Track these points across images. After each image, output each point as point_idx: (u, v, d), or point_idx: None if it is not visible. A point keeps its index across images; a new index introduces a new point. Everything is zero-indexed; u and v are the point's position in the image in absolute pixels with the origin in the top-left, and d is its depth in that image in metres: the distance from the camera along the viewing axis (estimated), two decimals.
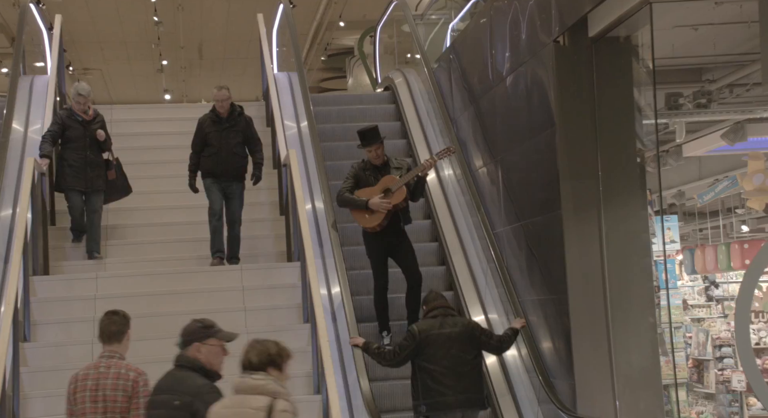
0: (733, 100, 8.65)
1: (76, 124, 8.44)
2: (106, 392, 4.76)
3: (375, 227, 7.16)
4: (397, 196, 7.11)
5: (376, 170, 7.29)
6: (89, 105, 8.53)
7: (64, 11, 14.58)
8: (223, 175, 8.32)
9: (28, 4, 10.72)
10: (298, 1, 17.38)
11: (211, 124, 8.40)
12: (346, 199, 7.23)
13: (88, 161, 8.42)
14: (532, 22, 6.96)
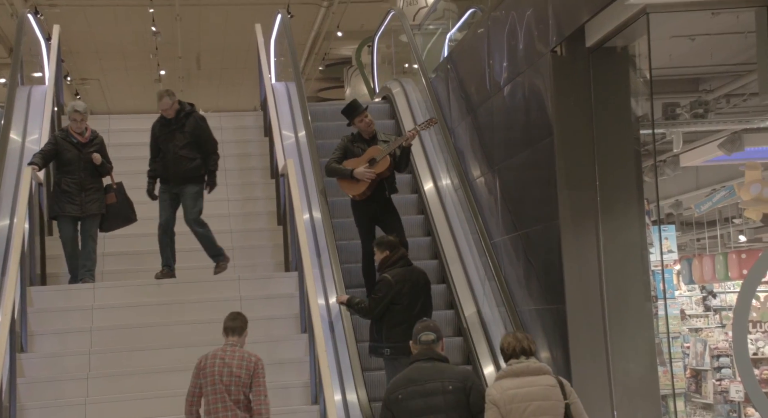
0: (730, 110, 8.66)
1: (70, 147, 8.06)
2: (232, 370, 5.80)
3: (360, 195, 7.54)
4: (381, 166, 7.47)
5: (364, 142, 7.66)
6: (86, 126, 8.18)
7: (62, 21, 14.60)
8: (172, 179, 8.05)
9: (26, 14, 10.73)
10: (296, 11, 17.45)
11: (160, 127, 8.17)
12: (333, 169, 7.62)
13: (82, 186, 8.02)
14: (529, 32, 6.98)
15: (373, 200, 7.57)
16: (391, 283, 6.66)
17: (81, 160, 8.06)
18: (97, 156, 8.11)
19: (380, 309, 6.64)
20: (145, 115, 12.03)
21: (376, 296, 6.69)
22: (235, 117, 11.25)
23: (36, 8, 16.62)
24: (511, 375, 4.98)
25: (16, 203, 7.79)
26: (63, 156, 8.05)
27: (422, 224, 8.76)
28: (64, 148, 8.05)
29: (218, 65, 22.51)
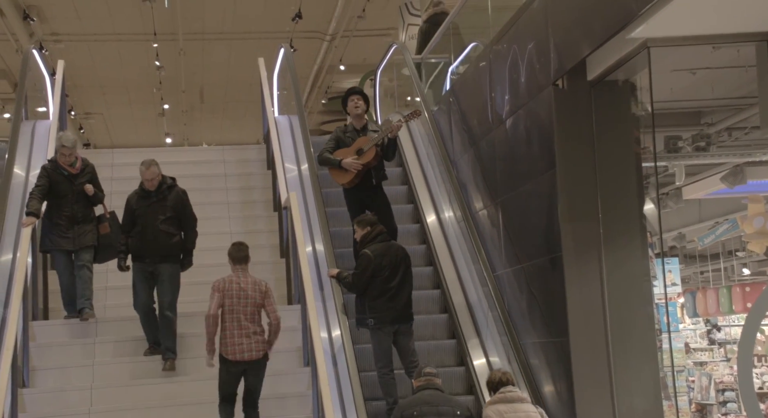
0: (732, 143, 8.68)
1: (61, 179, 7.77)
2: (247, 293, 6.81)
3: (348, 183, 8.04)
4: (367, 156, 7.96)
5: (355, 133, 8.17)
6: (76, 156, 7.86)
7: (66, 57, 14.73)
8: (149, 256, 7.47)
9: (31, 50, 10.81)
10: (299, 45, 17.59)
11: (138, 199, 7.64)
12: (324, 159, 8.14)
13: (74, 218, 7.75)
14: (531, 66, 7.01)
15: (362, 187, 8.07)
16: (371, 257, 7.12)
17: (73, 193, 7.80)
18: (89, 187, 7.83)
19: (363, 282, 7.07)
20: (148, 149, 12.10)
21: (357, 271, 7.18)
22: (238, 150, 11.29)
23: (41, 44, 16.77)
24: (504, 401, 5.85)
25: (19, 237, 7.78)
26: (54, 189, 7.78)
27: (424, 255, 8.75)
28: (55, 181, 7.78)
29: (221, 99, 22.63)
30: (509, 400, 5.87)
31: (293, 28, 17.55)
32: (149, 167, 7.56)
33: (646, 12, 5.18)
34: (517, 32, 7.36)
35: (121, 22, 17.70)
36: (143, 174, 7.57)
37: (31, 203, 7.63)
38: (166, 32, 18.10)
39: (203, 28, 18.26)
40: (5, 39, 17.58)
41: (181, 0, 16.66)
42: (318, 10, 17.41)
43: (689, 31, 5.60)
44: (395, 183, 9.60)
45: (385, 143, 7.99)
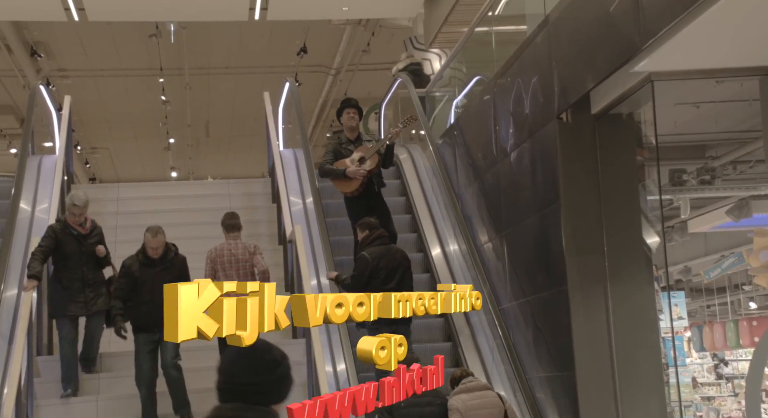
0: (737, 176, 8.69)
1: (70, 239, 7.49)
2: (238, 257, 7.54)
3: (354, 191, 8.26)
4: (371, 163, 8.23)
5: (351, 144, 8.42)
6: (86, 216, 7.62)
7: (73, 92, 14.83)
8: (157, 326, 7.06)
9: (38, 86, 10.89)
10: (304, 79, 17.70)
11: (141, 267, 7.26)
12: (327, 170, 8.36)
13: (85, 281, 7.46)
14: (535, 99, 7.04)
15: (365, 195, 8.29)
16: (368, 259, 7.25)
17: (82, 254, 7.51)
18: (101, 248, 7.58)
19: (360, 284, 7.14)
20: (154, 183, 12.13)
21: (355, 273, 7.32)
22: (244, 184, 11.33)
23: (48, 79, 16.89)
24: (466, 391, 6.17)
25: (25, 273, 7.78)
26: (63, 250, 7.47)
27: (428, 283, 8.73)
28: (63, 241, 7.48)
29: (227, 133, 22.72)
30: (470, 389, 6.19)
31: (298, 62, 17.67)
32: (156, 235, 7.23)
33: (650, 46, 5.21)
34: (520, 66, 7.40)
35: (128, 57, 17.83)
36: (149, 242, 7.24)
37: (33, 265, 7.32)
38: (172, 67, 18.22)
39: (209, 63, 18.39)
40: (12, 75, 17.71)
41: (187, 35, 16.79)
42: (323, 45, 17.53)
43: (693, 65, 5.62)
44: (399, 212, 9.62)
45: (383, 152, 8.26)
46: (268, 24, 15.80)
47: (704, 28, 4.88)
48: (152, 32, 16.22)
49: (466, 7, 12.98)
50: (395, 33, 16.62)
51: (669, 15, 4.92)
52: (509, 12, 8.77)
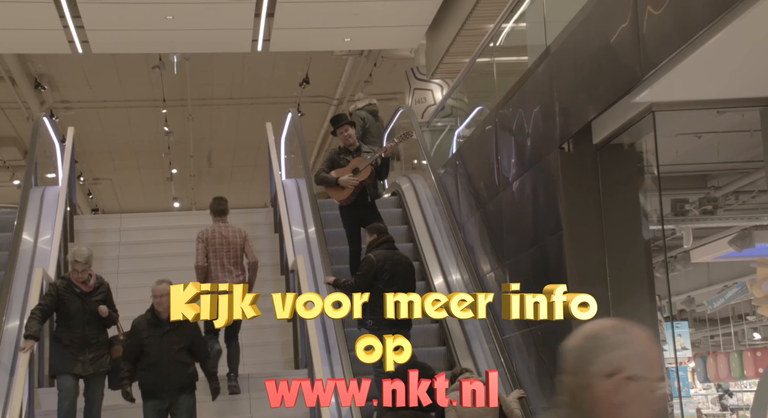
0: (740, 206, 8.69)
1: (73, 298, 7.17)
2: (228, 240, 7.99)
3: (345, 200, 8.52)
4: (363, 174, 8.47)
5: (349, 154, 8.66)
6: (90, 272, 7.29)
7: (76, 123, 14.90)
8: (165, 390, 6.92)
9: (41, 118, 10.94)
10: (306, 109, 17.77)
11: (150, 327, 7.03)
12: (322, 178, 8.65)
13: (86, 341, 7.12)
14: (536, 129, 7.06)
15: (358, 205, 8.53)
16: (373, 261, 7.46)
17: (85, 313, 7.17)
18: (103, 308, 7.23)
19: (364, 284, 7.23)
20: (156, 214, 12.14)
21: (360, 273, 7.51)
22: (246, 214, 11.33)
23: (51, 111, 16.97)
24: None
25: (27, 304, 7.77)
26: (65, 308, 7.16)
27: (437, 334, 8.69)
28: (66, 299, 7.16)
29: (229, 163, 22.78)
30: None
31: (301, 92, 17.75)
32: (159, 283, 7.02)
33: (651, 77, 5.23)
34: (522, 96, 7.43)
35: (131, 89, 17.92)
36: (154, 290, 7.03)
37: (30, 324, 6.99)
38: (175, 98, 18.31)
39: (212, 94, 18.48)
40: (16, 107, 17.80)
41: (190, 66, 16.89)
42: (325, 75, 17.62)
43: (694, 95, 5.64)
44: (401, 241, 9.61)
45: (379, 163, 8.53)
46: (270, 55, 15.89)
47: (705, 60, 4.91)
48: (155, 64, 16.32)
49: (467, 38, 13.06)
50: (397, 64, 16.71)
51: (670, 46, 4.95)
52: (510, 43, 8.83)
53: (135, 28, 14.04)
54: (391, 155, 8.72)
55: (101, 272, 9.72)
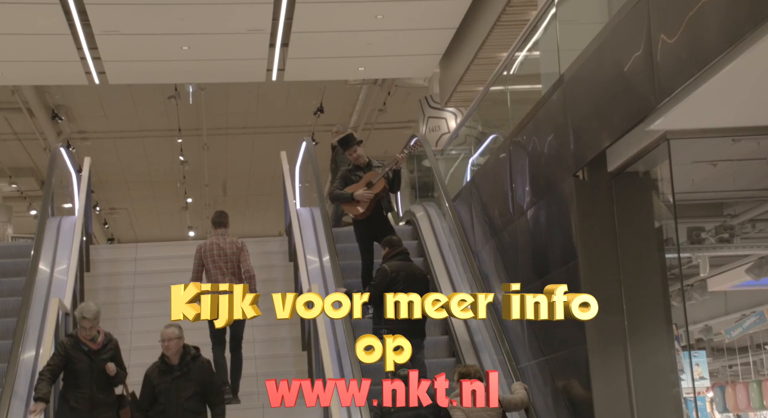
0: (756, 235, 8.64)
1: (81, 356, 6.97)
2: (226, 251, 8.27)
3: (362, 214, 8.68)
4: (377, 187, 8.66)
5: (360, 170, 8.86)
6: (99, 329, 7.09)
7: (93, 153, 15.00)
8: None
9: (58, 148, 11.02)
10: (321, 138, 17.83)
11: (160, 374, 6.91)
12: (336, 195, 8.85)
13: (94, 402, 6.92)
14: (551, 157, 7.06)
15: (373, 219, 8.70)
16: (387, 271, 7.66)
17: (93, 371, 6.96)
18: (111, 367, 7.00)
19: (377, 294, 7.05)
20: (171, 243, 12.18)
21: (373, 283, 7.67)
22: (261, 242, 11.33)
23: (68, 141, 17.11)
24: None
25: (43, 334, 7.77)
26: (73, 367, 6.95)
27: (446, 345, 8.67)
28: (74, 358, 6.97)
29: (244, 192, 22.85)
30: None
31: (315, 121, 17.84)
32: (168, 327, 6.91)
33: (665, 105, 5.23)
34: (536, 124, 7.43)
35: (147, 119, 18.06)
36: (162, 334, 6.95)
37: (40, 387, 6.78)
38: (191, 128, 18.43)
39: (227, 123, 18.58)
40: (34, 138, 17.96)
41: (205, 96, 17.00)
42: (339, 104, 17.70)
43: (708, 123, 5.63)
44: None
45: (391, 176, 8.72)
46: (285, 84, 15.99)
47: (719, 88, 4.90)
48: (171, 94, 16.45)
49: (481, 66, 13.11)
50: (411, 92, 16.78)
51: (684, 74, 4.95)
52: (524, 71, 8.84)
53: (151, 59, 14.18)
54: (401, 167, 8.95)
55: (116, 302, 9.79)
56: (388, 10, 12.75)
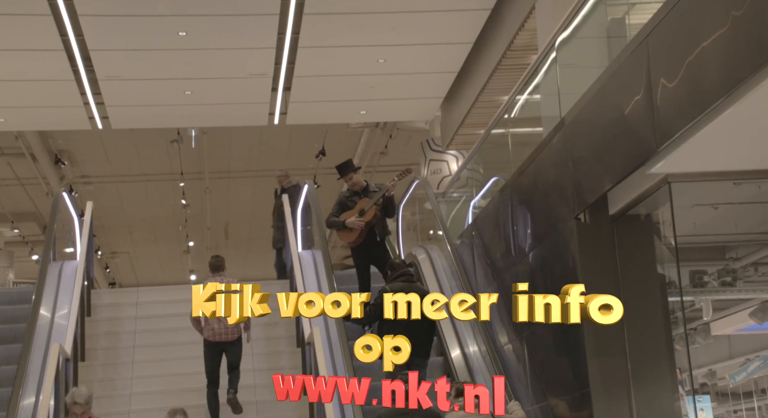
0: (759, 278, 8.61)
1: None
2: None
3: (354, 241, 8.91)
4: (368, 215, 8.85)
5: (356, 196, 9.05)
6: (90, 415, 6.95)
7: (95, 197, 15.06)
8: None
9: (61, 193, 11.04)
10: (322, 181, 17.88)
11: None
12: (331, 222, 9.07)
13: None
14: (552, 200, 7.06)
15: (367, 244, 8.92)
16: (387, 291, 7.58)
17: None
18: None
19: (376, 314, 7.11)
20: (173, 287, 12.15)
21: (372, 303, 7.51)
22: (262, 285, 11.23)
23: (71, 186, 17.16)
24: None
25: (43, 381, 7.72)
26: None
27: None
28: None
29: (246, 235, 22.85)
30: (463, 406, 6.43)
31: (317, 164, 17.89)
32: (174, 414, 6.85)
33: (666, 148, 5.25)
34: (537, 167, 7.45)
35: (149, 162, 18.12)
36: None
37: None
38: (193, 171, 18.49)
39: (229, 167, 18.64)
40: (36, 183, 18.01)
41: (207, 140, 17.08)
42: (341, 147, 17.77)
43: (709, 167, 5.64)
44: None
45: (383, 203, 8.90)
46: (287, 128, 16.07)
47: (720, 131, 4.92)
48: (174, 138, 16.53)
49: (482, 109, 13.19)
50: (412, 135, 16.85)
51: (684, 118, 4.98)
52: (525, 114, 8.89)
53: (154, 104, 14.27)
54: (393, 194, 9.08)
55: (117, 346, 9.74)
56: (389, 54, 12.86)
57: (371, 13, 11.67)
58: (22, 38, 11.84)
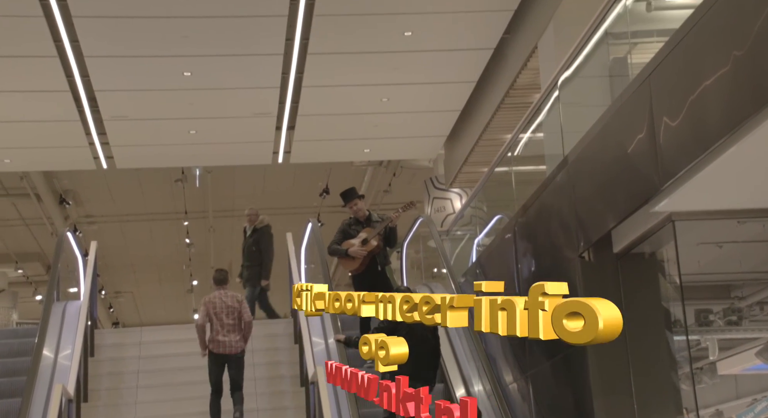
0: (765, 317, 8.56)
1: None
2: (228, 304, 8.94)
3: (357, 269, 9.00)
4: (371, 244, 8.95)
5: (359, 224, 9.13)
6: None
7: (99, 237, 15.07)
8: None
9: (65, 233, 11.06)
10: (326, 219, 17.90)
11: None
12: (333, 250, 9.20)
13: None
14: (556, 238, 7.06)
15: (368, 273, 8.99)
16: None
17: None
18: None
19: None
20: (176, 326, 12.11)
21: (376, 327, 7.52)
22: (266, 324, 11.28)
23: (75, 226, 17.18)
24: None
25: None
26: None
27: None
28: None
29: None
30: None
31: (321, 203, 17.92)
32: None
33: (669, 187, 5.25)
34: (541, 205, 7.46)
35: (153, 202, 18.16)
36: None
37: None
38: (197, 210, 18.52)
39: (233, 205, 18.67)
40: (41, 223, 18.04)
41: (212, 179, 17.13)
42: (345, 185, 17.71)
43: (713, 205, 5.64)
44: None
45: (386, 233, 8.97)
46: (291, 167, 16.12)
47: (723, 170, 4.92)
48: (178, 177, 16.58)
49: (485, 148, 13.24)
50: (416, 173, 16.89)
51: (687, 157, 4.98)
52: (528, 153, 8.92)
53: (159, 144, 14.34)
54: (396, 224, 9.16)
55: (120, 387, 9.69)
56: (393, 93, 12.93)
57: (374, 53, 11.76)
58: (29, 79, 11.94)
